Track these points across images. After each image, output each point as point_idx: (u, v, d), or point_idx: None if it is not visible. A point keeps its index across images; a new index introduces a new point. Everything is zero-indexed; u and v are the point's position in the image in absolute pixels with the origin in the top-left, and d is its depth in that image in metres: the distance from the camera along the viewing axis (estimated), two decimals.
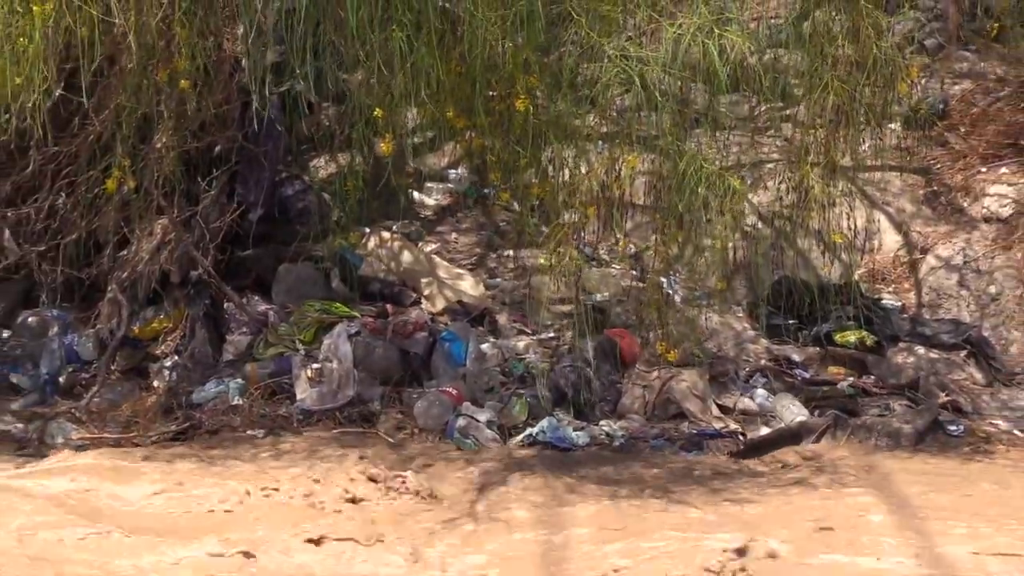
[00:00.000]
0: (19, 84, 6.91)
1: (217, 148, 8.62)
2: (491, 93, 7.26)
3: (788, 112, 8.91)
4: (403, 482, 6.84)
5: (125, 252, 8.46)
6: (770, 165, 9.17)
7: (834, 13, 7.31)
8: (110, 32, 7.19)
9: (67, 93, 7.88)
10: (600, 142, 7.89)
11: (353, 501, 6.66)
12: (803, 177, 7.68)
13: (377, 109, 6.98)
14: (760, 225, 8.67)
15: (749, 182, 9.20)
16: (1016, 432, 8.07)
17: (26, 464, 7.13)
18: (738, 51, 6.74)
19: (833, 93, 7.29)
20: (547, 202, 7.63)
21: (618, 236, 8.77)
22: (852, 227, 9.24)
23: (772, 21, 8.76)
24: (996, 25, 10.44)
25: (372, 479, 6.87)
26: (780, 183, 8.22)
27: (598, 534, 6.31)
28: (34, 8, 6.77)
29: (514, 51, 7.03)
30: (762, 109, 8.88)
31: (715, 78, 6.74)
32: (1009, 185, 9.83)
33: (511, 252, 9.59)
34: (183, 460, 7.26)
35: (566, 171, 7.52)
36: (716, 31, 6.67)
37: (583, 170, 7.59)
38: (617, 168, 7.55)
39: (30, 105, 7.07)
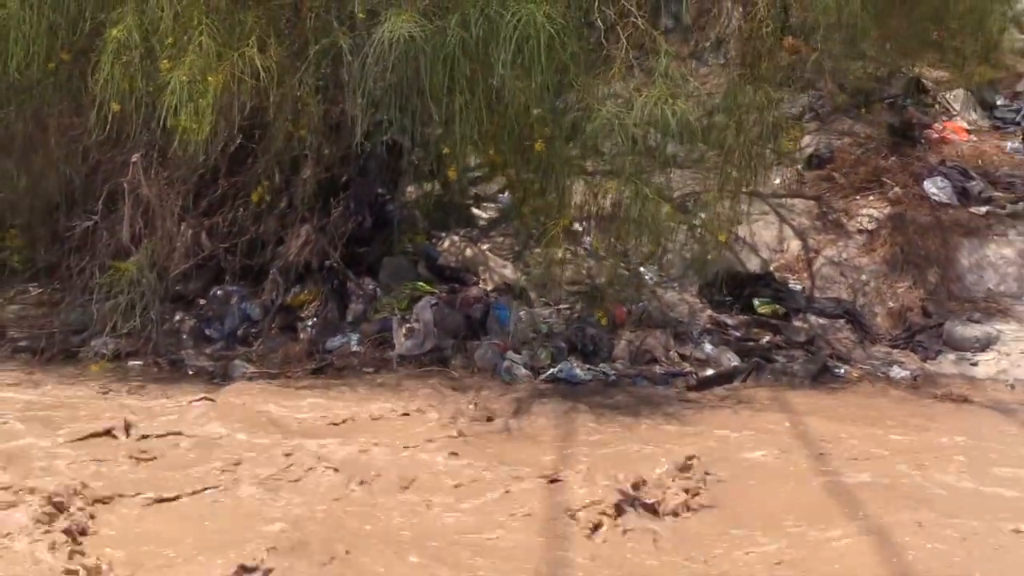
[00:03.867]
0: (204, 133, 6.94)
1: (342, 178, 8.72)
2: (520, 140, 7.32)
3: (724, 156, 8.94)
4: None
5: (281, 248, 8.42)
6: (713, 193, 9.21)
7: (747, 88, 7.38)
8: (270, 98, 7.26)
9: (244, 140, 8.04)
10: (594, 175, 7.95)
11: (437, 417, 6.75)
12: (715, 201, 7.77)
13: (446, 148, 7.05)
14: (706, 233, 8.74)
15: (702, 203, 9.25)
16: (877, 374, 8.25)
17: (220, 389, 7.19)
18: (684, 114, 6.78)
19: (736, 147, 7.36)
20: (550, 215, 7.69)
21: (609, 239, 8.81)
22: (768, 235, 9.35)
23: (713, 93, 8.82)
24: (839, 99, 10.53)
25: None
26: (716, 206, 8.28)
27: (592, 437, 6.50)
28: (209, 79, 6.87)
29: (536, 113, 7.09)
30: (709, 154, 8.92)
31: (667, 130, 6.83)
32: (874, 209, 9.82)
33: (539, 249, 9.66)
34: (321, 387, 7.36)
35: (566, 194, 7.59)
36: (670, 101, 6.72)
37: (578, 193, 7.65)
38: (598, 193, 7.62)
39: (217, 149, 7.21)
